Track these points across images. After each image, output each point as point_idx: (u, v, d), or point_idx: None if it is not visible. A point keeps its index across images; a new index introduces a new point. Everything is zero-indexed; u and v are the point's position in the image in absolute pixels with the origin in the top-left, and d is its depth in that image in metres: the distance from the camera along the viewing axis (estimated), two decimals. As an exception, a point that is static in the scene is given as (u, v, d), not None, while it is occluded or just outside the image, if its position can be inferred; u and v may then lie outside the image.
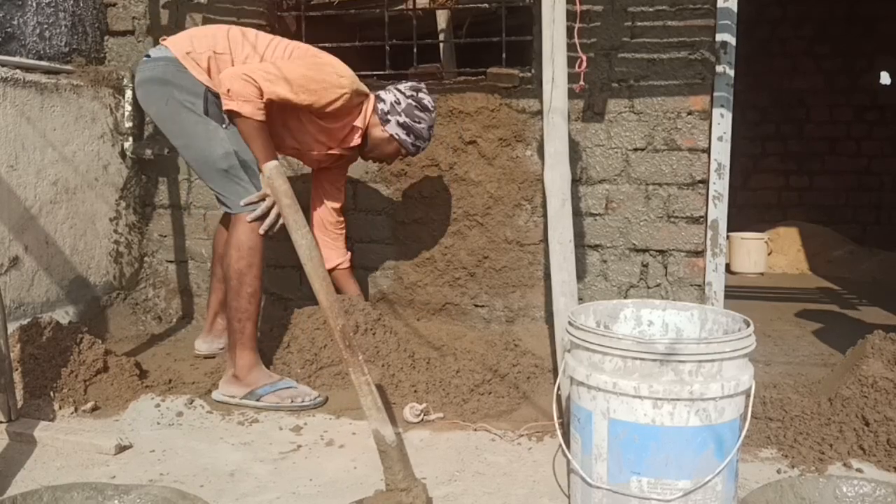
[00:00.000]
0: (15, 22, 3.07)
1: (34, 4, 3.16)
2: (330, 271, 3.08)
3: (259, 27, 3.40)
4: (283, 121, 2.67)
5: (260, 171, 2.53)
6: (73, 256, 3.19)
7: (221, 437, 2.31)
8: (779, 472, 2.03)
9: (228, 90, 2.47)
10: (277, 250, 3.35)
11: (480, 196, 3.23)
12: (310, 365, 2.73)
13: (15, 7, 3.07)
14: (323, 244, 3.06)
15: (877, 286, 5.16)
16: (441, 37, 3.98)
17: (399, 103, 2.77)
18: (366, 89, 2.77)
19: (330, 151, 2.85)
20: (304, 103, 2.58)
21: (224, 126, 2.57)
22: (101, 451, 2.16)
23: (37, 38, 3.19)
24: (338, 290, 3.09)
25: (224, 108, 2.51)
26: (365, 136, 2.83)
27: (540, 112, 3.08)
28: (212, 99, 2.58)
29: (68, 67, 3.30)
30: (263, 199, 2.55)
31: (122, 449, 2.19)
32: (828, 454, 2.07)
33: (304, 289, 3.45)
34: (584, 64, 2.61)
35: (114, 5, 3.55)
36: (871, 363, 2.27)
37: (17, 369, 2.45)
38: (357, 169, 3.39)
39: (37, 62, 3.15)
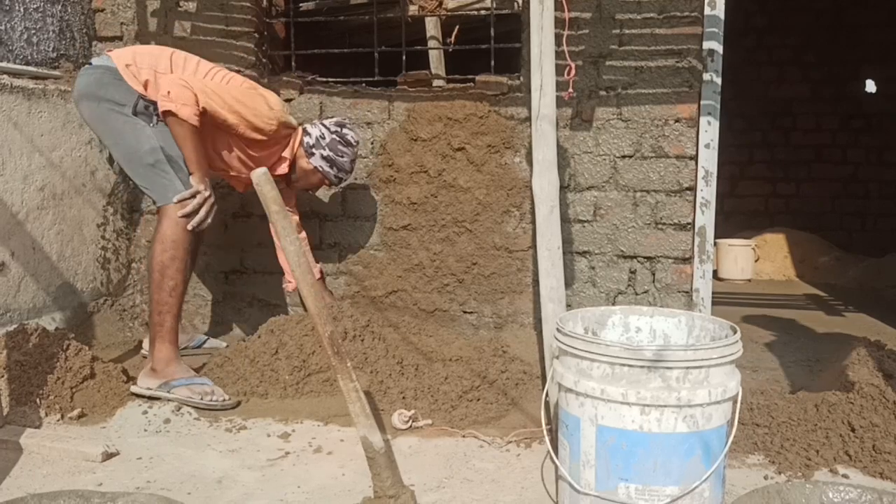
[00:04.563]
0: (2, 27, 3.06)
1: (22, 9, 3.15)
2: None
3: (248, 34, 3.42)
4: (213, 143, 2.77)
5: (189, 172, 2.61)
6: (60, 262, 3.17)
7: (209, 444, 2.30)
8: (766, 478, 2.04)
9: (168, 92, 2.54)
10: (266, 256, 3.34)
11: (469, 203, 3.24)
12: (298, 371, 2.72)
13: (2, 12, 3.05)
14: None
15: (863, 292, 5.19)
16: (430, 43, 3.99)
17: (324, 138, 2.93)
18: (294, 122, 2.93)
19: None
20: (232, 122, 2.68)
21: (151, 124, 2.63)
22: (88, 459, 2.15)
23: (24, 44, 3.18)
24: None
25: (161, 108, 2.57)
26: (292, 165, 2.97)
27: (528, 119, 3.09)
28: (143, 104, 2.65)
29: (56, 73, 3.28)
30: (194, 196, 2.61)
31: (108, 456, 2.17)
32: (814, 460, 2.08)
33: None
34: (573, 71, 2.63)
35: (102, 11, 3.54)
36: (857, 369, 2.29)
37: (2, 376, 2.43)
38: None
39: (24, 67, 3.14)
